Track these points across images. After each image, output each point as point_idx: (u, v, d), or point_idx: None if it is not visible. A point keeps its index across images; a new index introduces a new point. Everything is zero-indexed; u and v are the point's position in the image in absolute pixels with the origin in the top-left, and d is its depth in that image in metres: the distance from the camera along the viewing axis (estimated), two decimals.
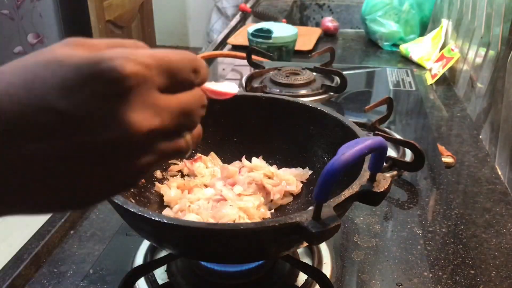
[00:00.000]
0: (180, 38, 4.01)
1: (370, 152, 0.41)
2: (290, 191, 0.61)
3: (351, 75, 1.16)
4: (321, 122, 0.61)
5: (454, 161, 0.86)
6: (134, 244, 0.61)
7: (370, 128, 0.84)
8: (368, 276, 0.58)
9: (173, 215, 0.57)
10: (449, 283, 0.57)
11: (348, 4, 1.97)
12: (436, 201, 0.73)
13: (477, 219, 0.72)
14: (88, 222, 0.69)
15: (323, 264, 0.58)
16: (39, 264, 0.61)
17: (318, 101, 1.03)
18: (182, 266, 0.57)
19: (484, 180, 0.82)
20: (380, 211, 0.69)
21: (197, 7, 3.80)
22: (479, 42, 1.08)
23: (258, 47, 1.26)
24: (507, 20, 0.91)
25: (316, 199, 0.39)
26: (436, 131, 0.99)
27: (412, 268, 0.59)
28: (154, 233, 0.46)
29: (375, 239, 0.64)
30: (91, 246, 0.64)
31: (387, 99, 0.85)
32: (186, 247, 0.47)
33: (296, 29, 1.34)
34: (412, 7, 1.49)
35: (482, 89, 1.02)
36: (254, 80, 1.09)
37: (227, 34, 1.62)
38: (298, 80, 1.06)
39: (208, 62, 1.36)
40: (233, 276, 0.55)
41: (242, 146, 0.66)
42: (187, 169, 0.64)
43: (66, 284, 0.58)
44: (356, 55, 1.50)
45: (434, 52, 1.34)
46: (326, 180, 0.38)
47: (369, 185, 0.45)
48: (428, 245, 0.63)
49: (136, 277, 0.55)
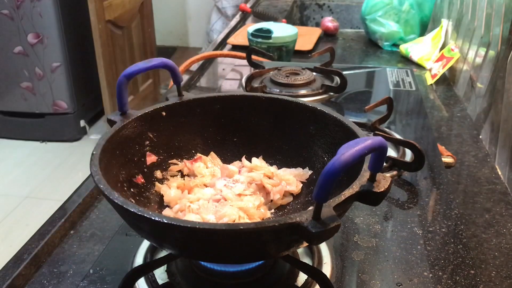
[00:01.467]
0: (180, 38, 4.02)
1: (370, 152, 0.41)
2: (290, 191, 0.61)
3: (351, 75, 1.16)
4: (321, 122, 0.61)
5: (454, 161, 0.86)
6: (134, 244, 0.61)
7: (370, 128, 0.84)
8: (368, 276, 0.58)
9: (173, 215, 0.57)
10: (449, 283, 0.57)
11: (348, 4, 1.97)
12: (436, 201, 0.73)
13: (477, 219, 0.72)
14: (88, 222, 0.69)
15: (323, 264, 0.58)
16: (39, 264, 0.61)
17: (318, 101, 1.03)
18: (182, 266, 0.57)
19: (484, 180, 0.82)
20: (380, 211, 0.69)
21: (197, 7, 3.80)
22: (479, 42, 1.08)
23: (258, 47, 1.26)
24: (507, 20, 0.91)
25: (316, 199, 0.39)
26: (436, 131, 0.99)
27: (412, 268, 0.59)
28: (154, 233, 0.46)
29: (375, 239, 0.64)
30: (91, 246, 0.64)
31: (387, 99, 0.85)
32: (186, 247, 0.47)
33: (296, 29, 1.34)
34: (412, 7, 1.49)
35: (482, 89, 1.02)
36: (254, 80, 1.09)
37: (227, 34, 1.62)
38: (298, 80, 1.06)
39: (208, 62, 1.36)
40: (233, 276, 0.55)
41: (242, 146, 0.66)
42: (187, 169, 0.64)
43: (66, 284, 0.58)
44: (356, 55, 1.50)
45: (434, 52, 1.34)
46: (326, 180, 0.38)
47: (369, 185, 0.45)
48: (428, 245, 0.63)
49: (136, 277, 0.55)
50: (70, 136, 2.66)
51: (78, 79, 2.58)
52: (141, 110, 0.61)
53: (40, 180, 2.37)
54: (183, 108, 0.64)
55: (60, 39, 2.42)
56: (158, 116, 0.62)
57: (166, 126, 0.63)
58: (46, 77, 2.50)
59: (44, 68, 2.48)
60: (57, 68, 2.48)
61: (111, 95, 2.46)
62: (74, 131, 2.66)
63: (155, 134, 0.62)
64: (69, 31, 2.46)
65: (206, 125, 0.66)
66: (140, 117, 0.60)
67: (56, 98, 2.55)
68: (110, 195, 0.45)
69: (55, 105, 2.56)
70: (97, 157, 0.50)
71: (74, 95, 2.57)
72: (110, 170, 0.53)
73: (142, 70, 0.58)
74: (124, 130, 0.58)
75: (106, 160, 0.52)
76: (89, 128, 2.74)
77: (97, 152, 0.51)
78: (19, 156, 2.55)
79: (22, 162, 2.51)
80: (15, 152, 2.58)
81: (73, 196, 0.73)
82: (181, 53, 3.84)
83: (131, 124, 0.59)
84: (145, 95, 2.84)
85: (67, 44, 2.45)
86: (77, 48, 2.54)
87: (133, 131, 0.59)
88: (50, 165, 2.48)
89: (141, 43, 2.84)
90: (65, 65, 2.48)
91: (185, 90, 0.71)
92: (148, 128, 0.61)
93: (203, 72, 1.31)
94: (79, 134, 2.69)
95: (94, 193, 0.74)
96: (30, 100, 2.56)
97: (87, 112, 2.73)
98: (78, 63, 2.57)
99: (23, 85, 2.53)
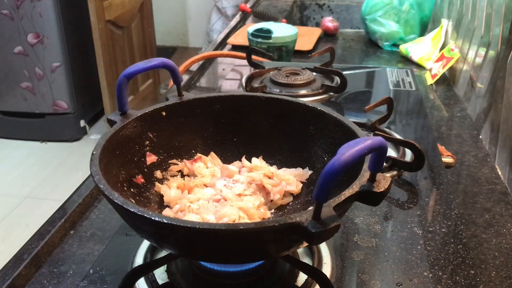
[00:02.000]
0: (180, 38, 4.02)
1: (370, 152, 0.41)
2: (290, 191, 0.61)
3: (351, 75, 1.16)
4: (321, 122, 0.61)
5: (454, 161, 0.86)
6: (134, 244, 0.61)
7: (370, 128, 0.84)
8: (368, 276, 0.58)
9: (173, 215, 0.57)
10: (449, 283, 0.57)
11: (348, 4, 1.97)
12: (436, 201, 0.73)
13: (477, 219, 0.72)
14: (88, 222, 0.69)
15: (323, 264, 0.58)
16: (39, 264, 0.61)
17: (318, 101, 1.03)
18: (182, 266, 0.57)
19: (484, 180, 0.82)
20: (380, 211, 0.69)
21: (197, 7, 3.80)
22: (479, 42, 1.08)
23: (258, 47, 1.26)
24: (507, 20, 0.91)
25: (316, 199, 0.39)
26: (436, 131, 0.99)
27: (412, 268, 0.59)
28: (154, 233, 0.46)
29: (375, 239, 0.64)
30: (91, 246, 0.64)
31: (387, 99, 0.85)
32: (186, 247, 0.47)
33: (296, 29, 1.34)
34: (412, 7, 1.49)
35: (482, 89, 1.02)
36: (254, 80, 1.09)
37: (227, 34, 1.62)
38: (298, 80, 1.06)
39: (208, 62, 1.36)
40: (233, 276, 0.55)
41: (242, 146, 0.66)
42: (187, 169, 0.64)
43: (66, 284, 0.58)
44: (356, 55, 1.50)
45: (434, 52, 1.34)
46: (326, 180, 0.38)
47: (369, 185, 0.45)
48: (428, 245, 0.63)
49: (136, 277, 0.55)
50: (70, 136, 2.66)
51: (78, 79, 2.58)
52: (141, 110, 0.61)
53: (40, 180, 2.37)
54: (183, 108, 0.64)
55: (60, 39, 2.42)
56: (158, 116, 0.62)
57: (166, 126, 0.63)
58: (46, 77, 2.50)
59: (44, 68, 2.48)
60: (57, 68, 2.48)
61: (111, 95, 2.46)
62: (74, 131, 2.66)
63: (155, 134, 0.62)
64: (69, 31, 2.46)
65: (206, 125, 0.66)
66: (140, 117, 0.60)
67: (56, 98, 2.55)
68: (110, 195, 0.45)
69: (55, 105, 2.56)
70: (97, 157, 0.50)
71: (74, 95, 2.57)
72: (110, 170, 0.53)
73: (142, 70, 0.58)
74: (124, 130, 0.58)
75: (106, 160, 0.52)
76: (89, 128, 2.74)
77: (97, 152, 0.51)
78: (19, 156, 2.55)
79: (22, 162, 2.51)
80: (15, 152, 2.58)
81: (73, 196, 0.73)
82: (181, 53, 3.84)
83: (131, 124, 0.59)
84: (145, 95, 2.84)
85: (67, 44, 2.45)
86: (77, 48, 2.54)
87: (133, 131, 0.59)
88: (50, 165, 2.48)
89: (141, 43, 2.84)
90: (65, 65, 2.48)
91: (185, 90, 0.71)
92: (148, 128, 0.61)
93: (203, 72, 1.31)
94: (79, 134, 2.69)
95: (94, 193, 0.74)
96: (30, 100, 2.56)
97: (87, 112, 2.72)
98: (78, 63, 2.57)
99: (23, 85, 2.53)
